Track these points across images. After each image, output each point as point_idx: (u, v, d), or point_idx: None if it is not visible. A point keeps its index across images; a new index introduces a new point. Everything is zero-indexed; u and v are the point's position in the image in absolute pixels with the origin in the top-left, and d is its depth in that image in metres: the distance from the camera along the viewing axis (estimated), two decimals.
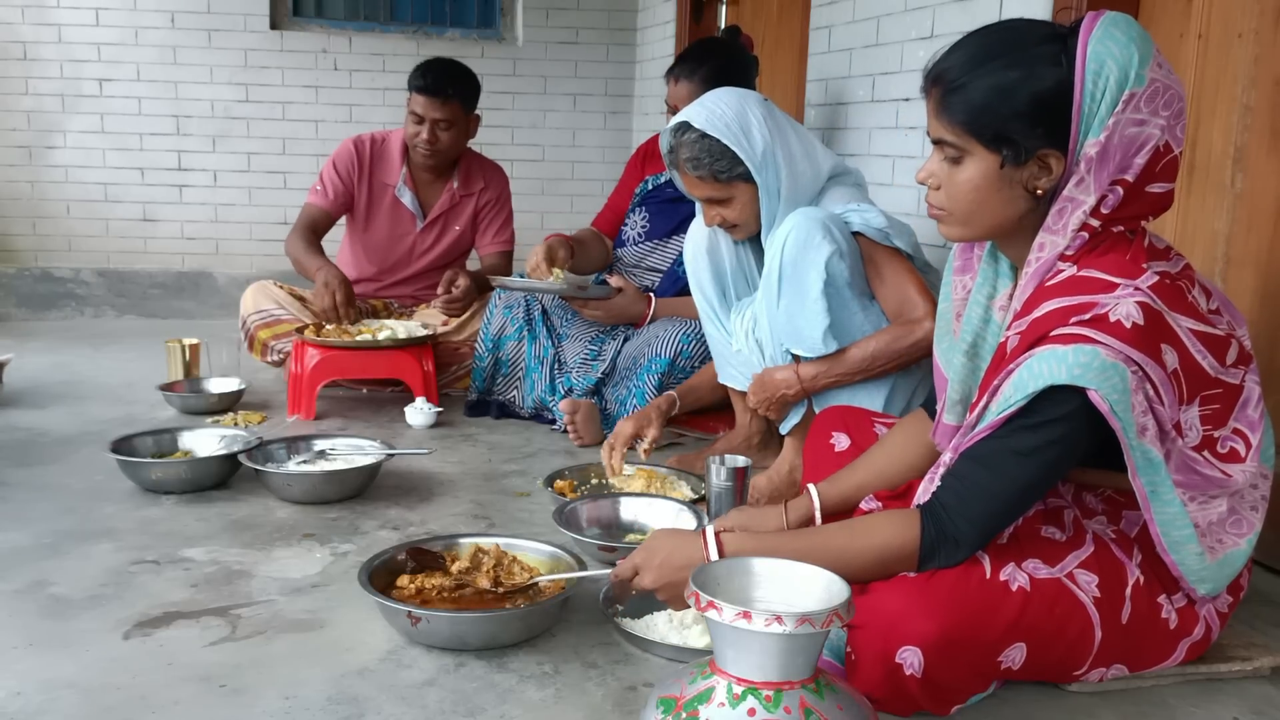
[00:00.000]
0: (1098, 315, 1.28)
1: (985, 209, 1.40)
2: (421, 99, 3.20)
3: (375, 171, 3.37)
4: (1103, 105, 1.30)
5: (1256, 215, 1.97)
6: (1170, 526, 1.37)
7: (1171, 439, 1.32)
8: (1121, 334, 1.26)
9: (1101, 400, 1.25)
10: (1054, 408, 1.29)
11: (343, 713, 1.41)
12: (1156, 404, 1.29)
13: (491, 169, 3.53)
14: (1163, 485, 1.34)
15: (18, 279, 4.65)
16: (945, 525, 1.37)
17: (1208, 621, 1.48)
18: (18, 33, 4.54)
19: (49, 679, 1.48)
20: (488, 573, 1.72)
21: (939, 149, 1.42)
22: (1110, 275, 1.31)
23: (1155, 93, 1.31)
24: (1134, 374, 1.26)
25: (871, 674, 1.35)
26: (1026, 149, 1.34)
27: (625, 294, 2.93)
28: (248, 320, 3.25)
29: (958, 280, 1.58)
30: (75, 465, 2.49)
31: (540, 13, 4.98)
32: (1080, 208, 1.34)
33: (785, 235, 2.09)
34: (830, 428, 1.89)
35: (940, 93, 1.38)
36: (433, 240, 3.45)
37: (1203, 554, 1.39)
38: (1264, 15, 1.94)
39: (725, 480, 2.09)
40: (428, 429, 2.89)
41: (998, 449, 1.34)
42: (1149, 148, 1.31)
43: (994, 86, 1.33)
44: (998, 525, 1.38)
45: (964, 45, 1.39)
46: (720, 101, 2.23)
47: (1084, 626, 1.39)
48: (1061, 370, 1.26)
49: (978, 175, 1.38)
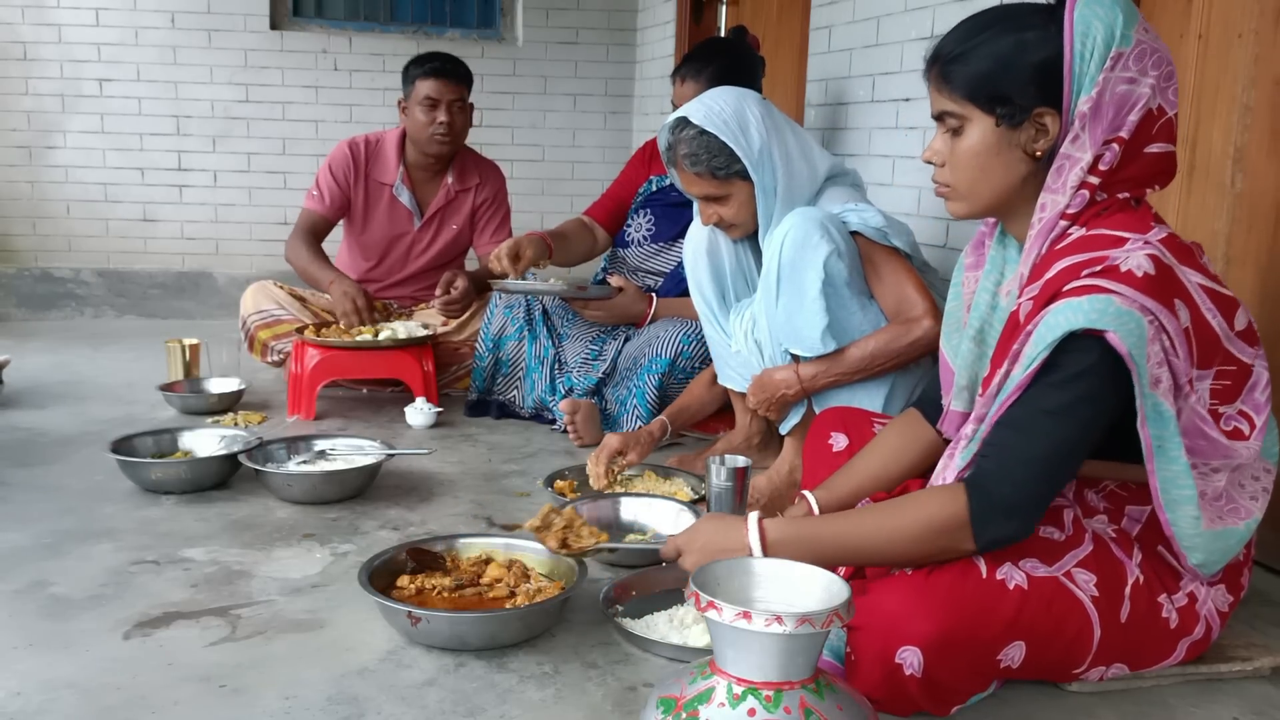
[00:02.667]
0: (1109, 266, 1.30)
1: (987, 175, 1.44)
2: (436, 82, 3.21)
3: (371, 172, 3.37)
4: (1092, 63, 1.35)
5: (1256, 215, 1.97)
6: (1171, 485, 1.37)
7: (1185, 395, 1.34)
8: (1134, 282, 1.28)
9: (1120, 342, 1.26)
10: (1077, 359, 1.30)
11: (343, 713, 1.41)
12: (1172, 355, 1.31)
13: (487, 166, 3.52)
14: (1170, 441, 1.34)
15: (18, 279, 4.65)
16: (989, 493, 1.34)
17: (1208, 621, 1.48)
18: (18, 33, 4.54)
19: (49, 679, 1.48)
20: (557, 533, 1.73)
21: (941, 125, 1.47)
22: (1120, 231, 1.35)
23: (1143, 53, 1.36)
24: (1150, 323, 1.28)
25: (871, 674, 1.35)
26: (1022, 108, 1.39)
27: (626, 294, 2.93)
28: (248, 320, 3.25)
29: (969, 276, 1.60)
30: (75, 465, 2.49)
31: (540, 13, 4.98)
32: (1078, 165, 1.38)
33: (783, 235, 2.09)
34: (829, 428, 1.89)
35: (939, 67, 1.45)
36: (430, 238, 3.44)
37: (1198, 518, 1.39)
38: (1264, 15, 1.94)
39: (725, 480, 2.09)
40: (428, 429, 2.89)
41: (1028, 411, 1.34)
42: (1140, 106, 1.36)
43: (988, 53, 1.40)
44: (1044, 489, 1.35)
45: (959, 26, 1.47)
46: (719, 99, 2.23)
47: (1082, 625, 1.39)
48: (1079, 317, 1.28)
49: (978, 141, 1.43)
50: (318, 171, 3.39)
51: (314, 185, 3.38)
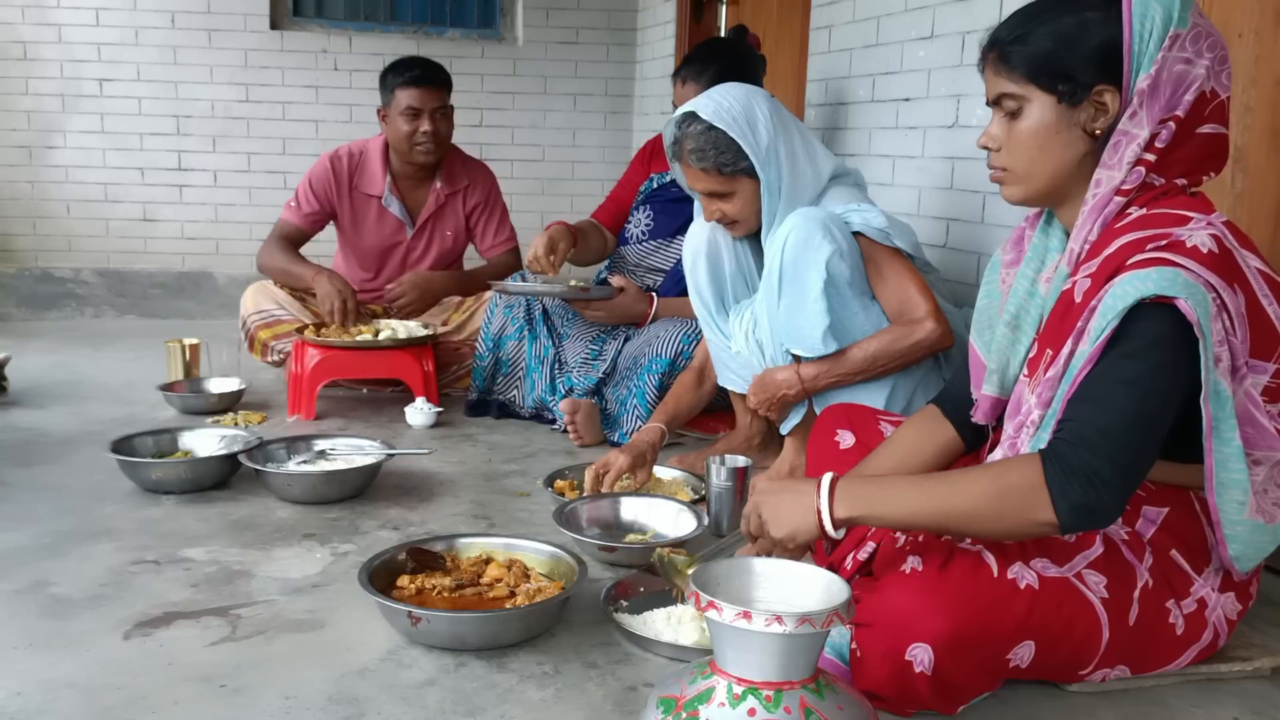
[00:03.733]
0: (1174, 241, 1.31)
1: (1046, 154, 1.44)
2: (417, 91, 3.17)
3: (357, 185, 3.34)
4: (1151, 42, 1.36)
5: (1256, 215, 1.97)
6: (1223, 466, 1.36)
7: (1241, 377, 1.34)
8: (1200, 258, 1.29)
9: (1190, 310, 1.26)
10: (1149, 329, 1.28)
11: (343, 713, 1.41)
12: (1231, 335, 1.31)
13: (475, 166, 3.49)
14: (1225, 423, 1.34)
15: (18, 279, 4.65)
16: (1065, 457, 1.28)
17: (1216, 628, 1.47)
18: (18, 33, 4.54)
19: (49, 679, 1.48)
20: None
21: (998, 110, 1.48)
22: (1183, 210, 1.36)
23: (1199, 35, 1.37)
24: (1214, 300, 1.28)
25: (879, 671, 1.35)
26: (1083, 84, 1.40)
27: (627, 294, 2.93)
28: (248, 320, 3.25)
29: (1007, 272, 1.59)
30: (75, 465, 2.49)
31: (540, 13, 4.98)
32: (1135, 141, 1.38)
33: (786, 235, 2.09)
34: (835, 425, 1.89)
35: (998, 51, 1.46)
36: (424, 245, 3.42)
37: (1244, 504, 1.37)
38: (1264, 15, 1.94)
39: (725, 480, 2.09)
40: (428, 429, 2.89)
41: (1103, 382, 1.31)
42: (1195, 86, 1.37)
43: (1049, 33, 1.41)
44: (1126, 459, 1.28)
45: (1016, 13, 1.47)
46: (727, 95, 2.23)
47: (1092, 626, 1.39)
48: (1149, 284, 1.27)
49: (1037, 120, 1.43)
50: (298, 184, 3.37)
51: (293, 197, 3.36)
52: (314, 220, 3.35)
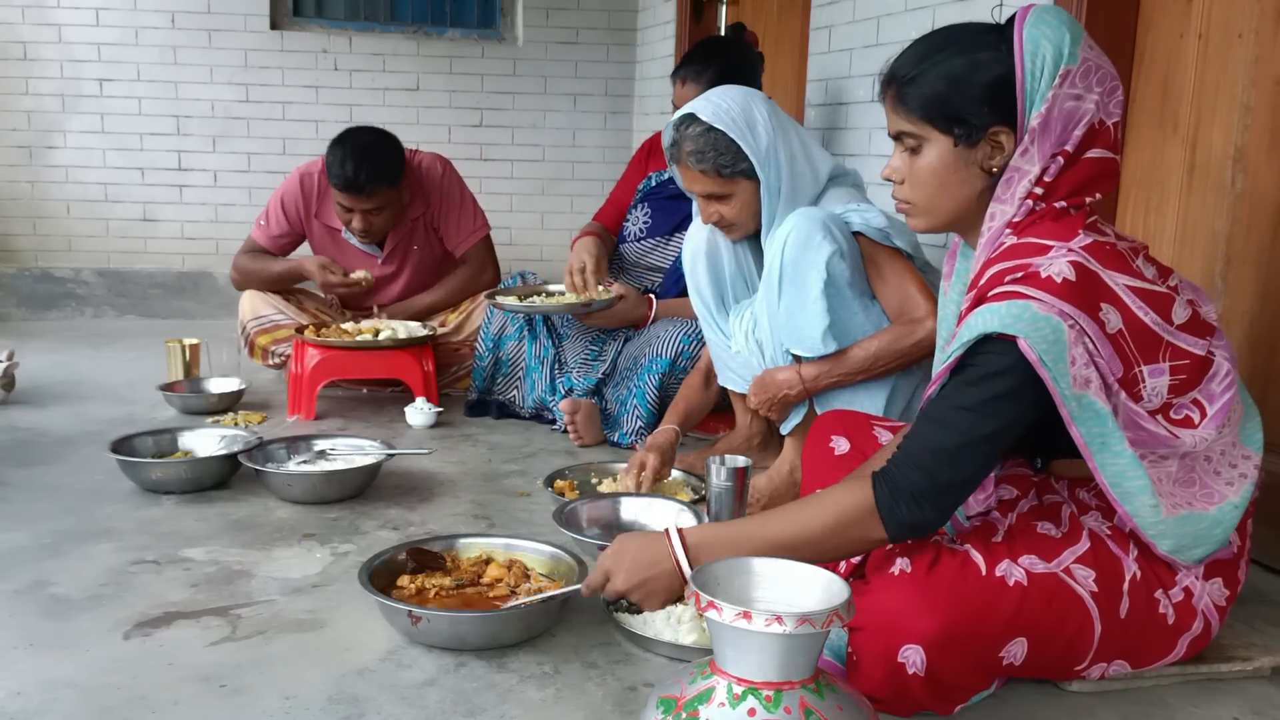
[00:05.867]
0: (1030, 273, 1.35)
1: (945, 192, 1.48)
2: (345, 195, 3.03)
3: (320, 213, 3.26)
4: (1042, 80, 1.39)
5: (1256, 215, 1.97)
6: (1121, 477, 1.39)
7: (1115, 393, 1.36)
8: (1053, 289, 1.32)
9: (1030, 349, 1.29)
10: (991, 361, 1.33)
11: (343, 713, 1.41)
12: (1097, 357, 1.33)
13: (426, 174, 3.29)
14: (1112, 436, 1.36)
15: (18, 279, 4.65)
16: (895, 479, 1.37)
17: (1206, 616, 1.48)
18: (18, 33, 4.54)
19: (49, 679, 1.48)
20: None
21: (899, 144, 1.51)
22: (1045, 239, 1.39)
23: (1089, 70, 1.40)
24: (1071, 327, 1.31)
25: (874, 674, 1.36)
26: (977, 127, 1.42)
27: (626, 300, 2.92)
28: (246, 326, 3.24)
29: (943, 285, 1.64)
30: (75, 465, 2.49)
31: (540, 13, 4.98)
32: (1025, 177, 1.41)
33: (786, 235, 2.09)
34: (830, 431, 1.89)
35: (895, 89, 1.48)
36: (397, 265, 3.34)
37: (1157, 506, 1.40)
38: (1264, 15, 1.94)
39: (725, 480, 2.09)
40: (428, 429, 2.89)
41: (942, 405, 1.38)
42: (1085, 121, 1.40)
43: (942, 74, 1.43)
44: (952, 477, 1.35)
45: (912, 47, 1.49)
46: (726, 96, 2.23)
47: (1083, 621, 1.40)
48: (994, 320, 1.32)
49: (936, 159, 1.46)
50: (269, 199, 3.32)
51: (263, 213, 3.30)
52: (282, 243, 3.30)
